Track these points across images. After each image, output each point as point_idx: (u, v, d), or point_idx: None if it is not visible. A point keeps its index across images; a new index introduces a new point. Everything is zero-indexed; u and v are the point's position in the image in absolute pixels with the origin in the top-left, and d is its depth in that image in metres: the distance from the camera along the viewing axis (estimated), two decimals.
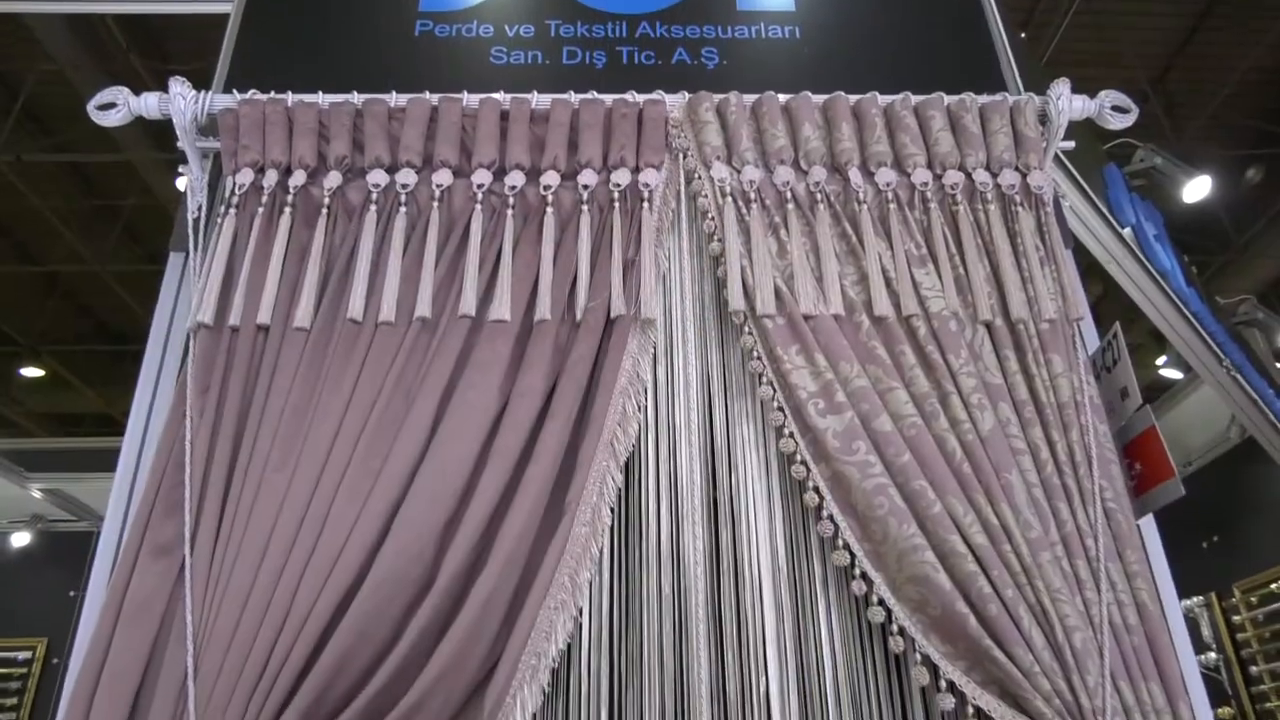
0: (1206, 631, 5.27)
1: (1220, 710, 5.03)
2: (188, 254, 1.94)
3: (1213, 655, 5.19)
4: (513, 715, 1.53)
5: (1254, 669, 4.97)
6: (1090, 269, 3.05)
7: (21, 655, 5.58)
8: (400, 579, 1.55)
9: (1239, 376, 3.35)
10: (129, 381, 1.97)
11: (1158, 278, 2.92)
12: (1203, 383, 4.67)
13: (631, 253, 1.90)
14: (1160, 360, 5.17)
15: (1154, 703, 1.56)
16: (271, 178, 1.95)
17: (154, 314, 1.98)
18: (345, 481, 1.63)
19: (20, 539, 5.91)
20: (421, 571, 1.57)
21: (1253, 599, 5.00)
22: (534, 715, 1.57)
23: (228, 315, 1.81)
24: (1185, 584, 1.84)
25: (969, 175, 2.03)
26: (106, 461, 1.83)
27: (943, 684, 1.59)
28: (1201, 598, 5.31)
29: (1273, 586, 4.85)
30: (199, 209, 1.98)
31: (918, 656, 1.61)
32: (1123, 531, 1.70)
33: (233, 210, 1.92)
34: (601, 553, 1.70)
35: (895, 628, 1.63)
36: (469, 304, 1.80)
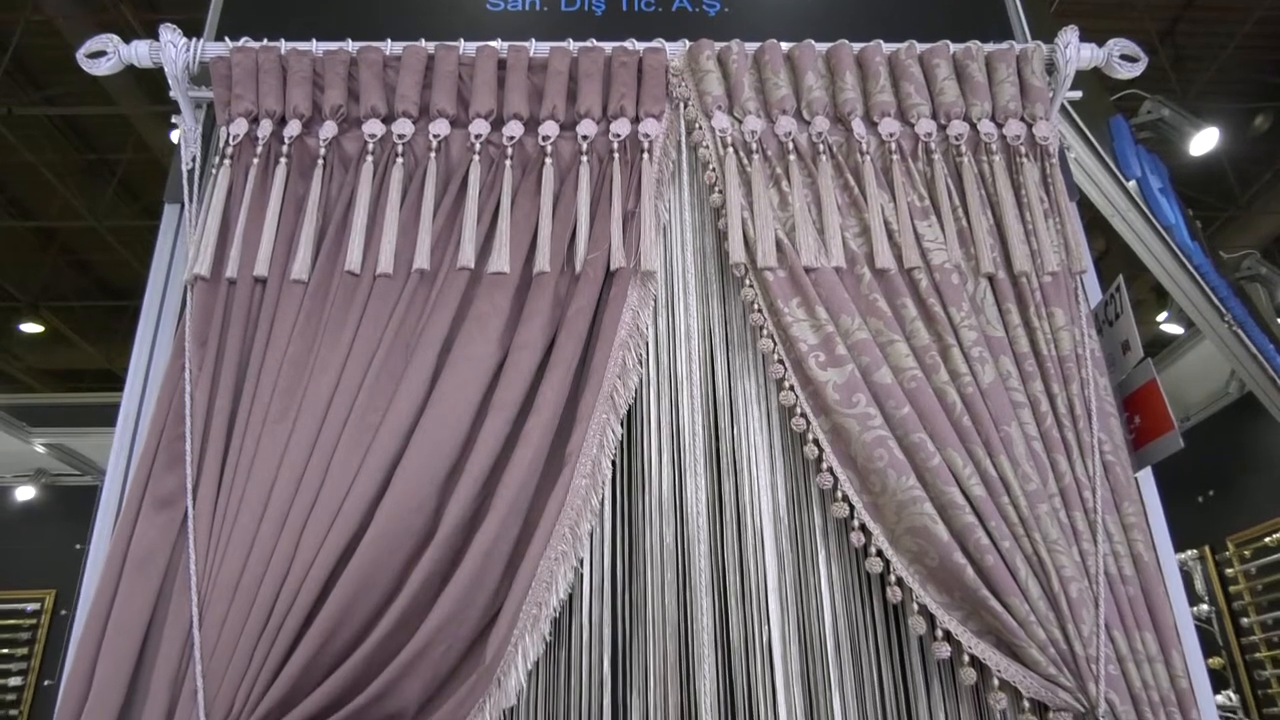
0: (1199, 584, 5.34)
1: (1211, 660, 5.12)
2: (183, 206, 1.92)
3: (1205, 607, 5.26)
4: (514, 663, 1.56)
5: (1245, 620, 5.05)
6: (1093, 224, 3.03)
7: (30, 606, 5.66)
8: (402, 530, 1.56)
9: (1240, 332, 3.35)
10: (129, 337, 1.96)
11: (1162, 231, 2.90)
12: (1203, 339, 4.68)
13: (631, 204, 1.88)
14: (1161, 316, 5.16)
15: (1147, 651, 1.58)
16: (266, 128, 1.92)
17: (150, 267, 1.97)
18: (346, 433, 1.63)
19: (25, 493, 5.96)
20: (423, 522, 1.58)
21: (1246, 552, 5.05)
22: (536, 663, 1.59)
23: (224, 268, 1.80)
24: (1180, 538, 1.86)
25: (974, 126, 2.00)
26: (108, 417, 1.83)
27: (939, 633, 1.61)
28: (1195, 551, 5.37)
29: (1266, 540, 4.90)
30: (193, 160, 1.96)
31: (915, 606, 1.63)
32: (1120, 484, 1.71)
33: (227, 161, 1.90)
34: (603, 504, 1.71)
35: (893, 578, 1.65)
36: (467, 256, 1.79)
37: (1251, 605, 5.00)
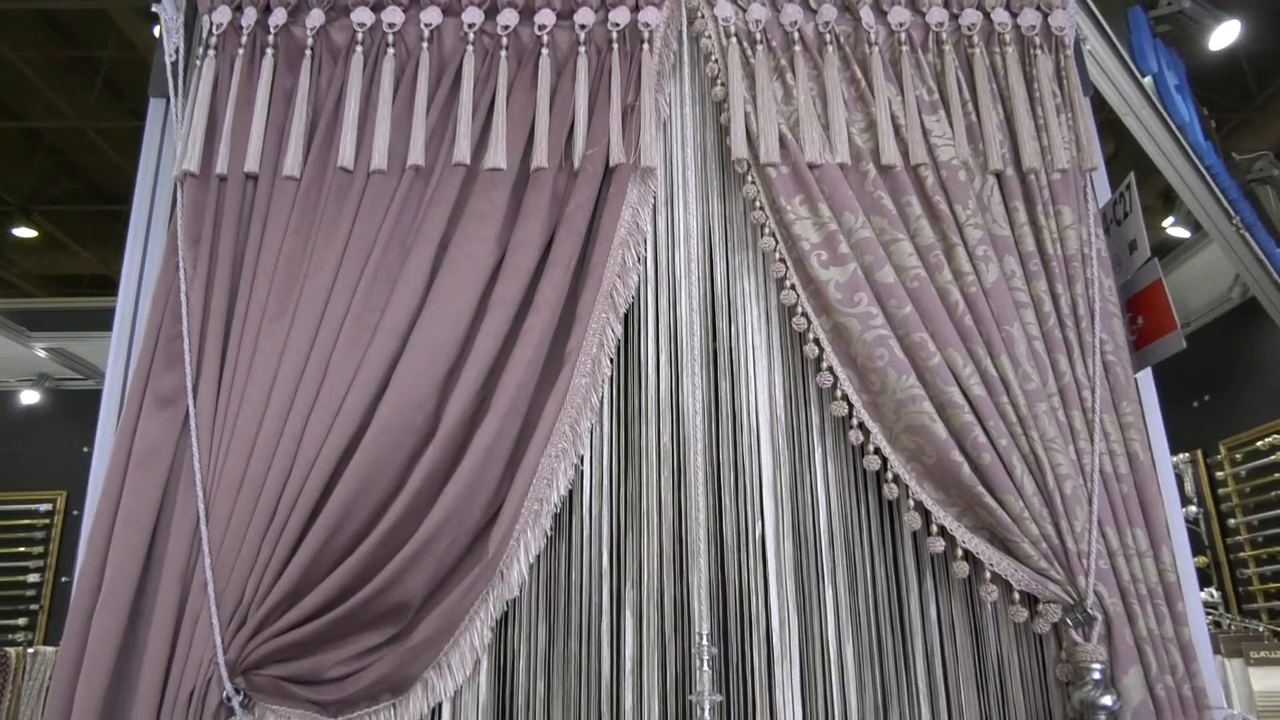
0: (1189, 486, 5.44)
1: (1196, 560, 5.24)
2: (168, 100, 1.86)
3: (1193, 509, 5.37)
4: (517, 557, 1.59)
5: (1231, 522, 5.16)
6: (1102, 127, 2.95)
7: (43, 507, 5.78)
8: (402, 427, 1.56)
9: (1247, 235, 3.31)
10: (123, 242, 1.92)
11: (1175, 130, 2.82)
12: (1205, 245, 4.64)
13: (631, 97, 1.82)
14: (1167, 221, 5.09)
15: (1137, 546, 1.61)
16: (250, 16, 1.85)
17: (139, 163, 1.92)
18: (344, 332, 1.62)
19: (30, 397, 6.01)
20: (423, 420, 1.58)
21: (1237, 455, 5.12)
22: (537, 557, 1.63)
23: (214, 164, 1.75)
24: (1173, 442, 1.87)
25: (987, 15, 1.93)
26: (107, 321, 1.81)
27: (934, 529, 1.64)
28: (1187, 455, 5.44)
29: (1259, 444, 4.96)
30: (176, 51, 1.89)
31: (910, 503, 1.65)
32: (1120, 384, 1.71)
33: (211, 52, 1.83)
34: (602, 402, 1.72)
35: (890, 475, 1.67)
36: (463, 152, 1.74)
37: (1239, 507, 5.10)
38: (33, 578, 5.67)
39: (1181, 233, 4.83)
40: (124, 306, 1.82)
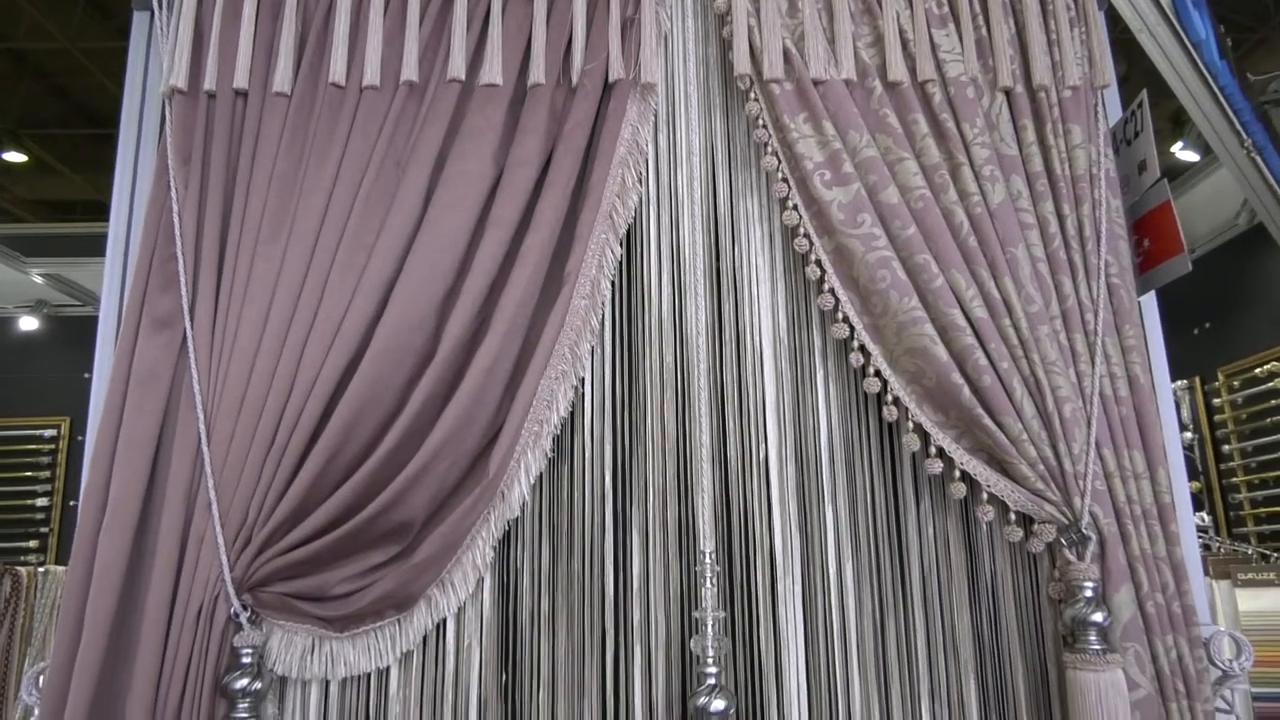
0: (1185, 413, 5.47)
1: (1189, 484, 5.31)
2: (152, 12, 1.80)
3: (1189, 435, 5.41)
4: (518, 478, 1.60)
5: (1225, 448, 5.20)
6: (1114, 47, 2.86)
7: (48, 433, 5.82)
8: (402, 348, 1.56)
9: (1258, 158, 3.25)
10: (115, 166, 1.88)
11: (1190, 48, 2.75)
12: (1212, 172, 4.57)
13: (630, 10, 1.76)
14: (1177, 145, 5.00)
15: (1134, 468, 1.63)
16: None
17: (125, 79, 1.87)
18: (340, 254, 1.60)
19: (29, 323, 6.00)
20: (423, 341, 1.58)
21: (1235, 383, 5.14)
22: (539, 478, 1.64)
23: (202, 80, 1.71)
24: (1172, 369, 1.86)
25: None
26: (102, 247, 1.79)
27: (932, 450, 1.65)
28: (1185, 381, 5.46)
29: (1257, 371, 4.97)
30: None
31: (910, 425, 1.66)
32: (1124, 307, 1.70)
33: None
34: (603, 324, 1.71)
35: (890, 398, 1.67)
36: (457, 67, 1.70)
37: (1234, 433, 5.14)
38: (41, 501, 5.75)
39: (1190, 156, 4.75)
40: (116, 229, 1.79)
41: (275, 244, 1.61)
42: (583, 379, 1.68)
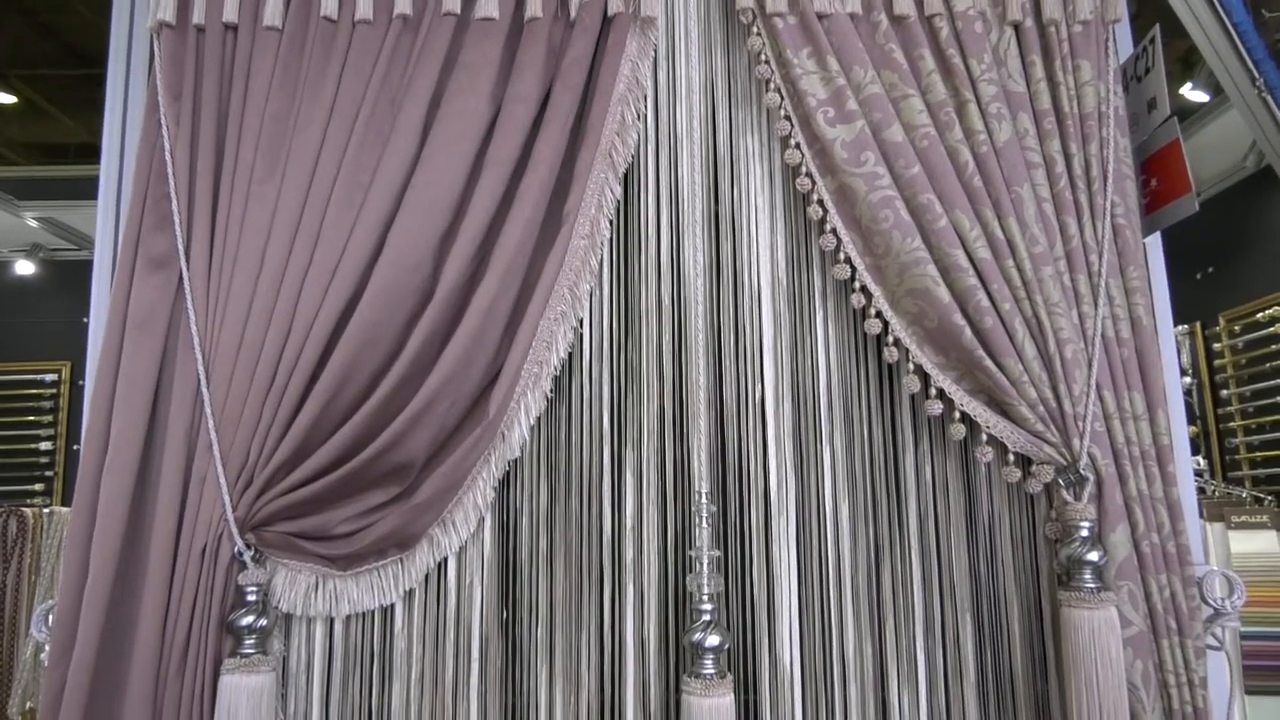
0: (1185, 358, 5.47)
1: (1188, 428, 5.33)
2: None
3: (1188, 379, 5.41)
4: (517, 419, 1.60)
5: (1224, 393, 5.21)
6: None
7: (49, 377, 5.84)
8: (400, 289, 1.54)
9: (1270, 98, 3.19)
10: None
11: None
12: (1220, 115, 4.49)
13: None
14: (1186, 87, 4.91)
15: (1134, 410, 1.63)
16: None
17: (111, 13, 1.82)
18: (335, 193, 1.58)
19: (25, 267, 5.97)
20: (420, 282, 1.56)
21: (1236, 328, 5.13)
22: (538, 419, 1.64)
23: (190, 13, 1.66)
24: (1174, 314, 1.85)
25: None
26: (96, 190, 1.76)
27: (932, 392, 1.64)
28: (1185, 326, 5.45)
29: (1258, 316, 4.95)
30: None
31: (910, 366, 1.65)
32: (1129, 248, 1.68)
33: None
34: (602, 264, 1.69)
35: (891, 339, 1.66)
36: (452, 0, 1.65)
37: (1233, 378, 5.15)
38: (45, 445, 5.79)
39: (1200, 96, 4.67)
40: (108, 168, 1.77)
41: (269, 183, 1.59)
42: (582, 319, 1.67)
